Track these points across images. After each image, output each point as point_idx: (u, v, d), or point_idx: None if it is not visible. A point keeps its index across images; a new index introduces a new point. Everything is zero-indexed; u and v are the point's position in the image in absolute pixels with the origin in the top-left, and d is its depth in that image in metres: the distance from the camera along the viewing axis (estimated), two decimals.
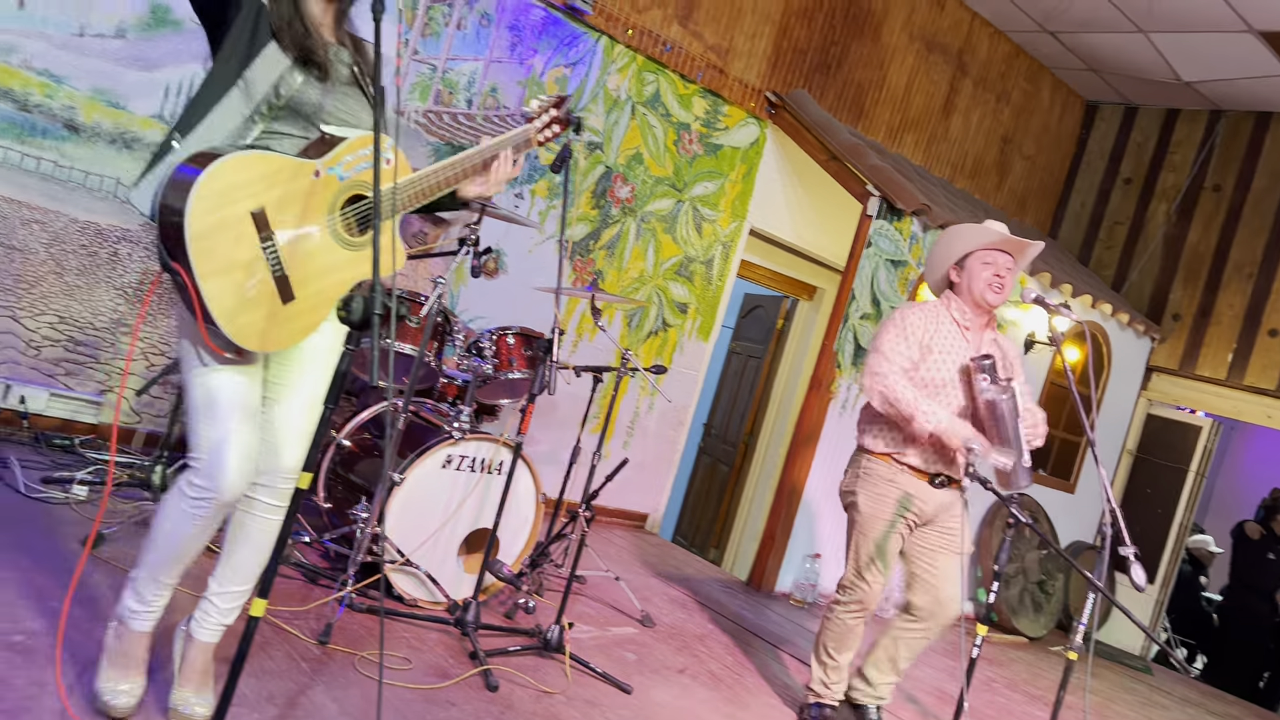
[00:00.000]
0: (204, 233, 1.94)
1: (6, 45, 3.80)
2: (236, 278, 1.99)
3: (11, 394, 4.00)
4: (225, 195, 1.97)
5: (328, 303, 2.14)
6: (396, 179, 2.18)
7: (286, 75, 2.10)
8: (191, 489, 2.13)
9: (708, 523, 7.64)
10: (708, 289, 6.17)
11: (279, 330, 2.08)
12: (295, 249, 2.07)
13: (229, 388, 2.12)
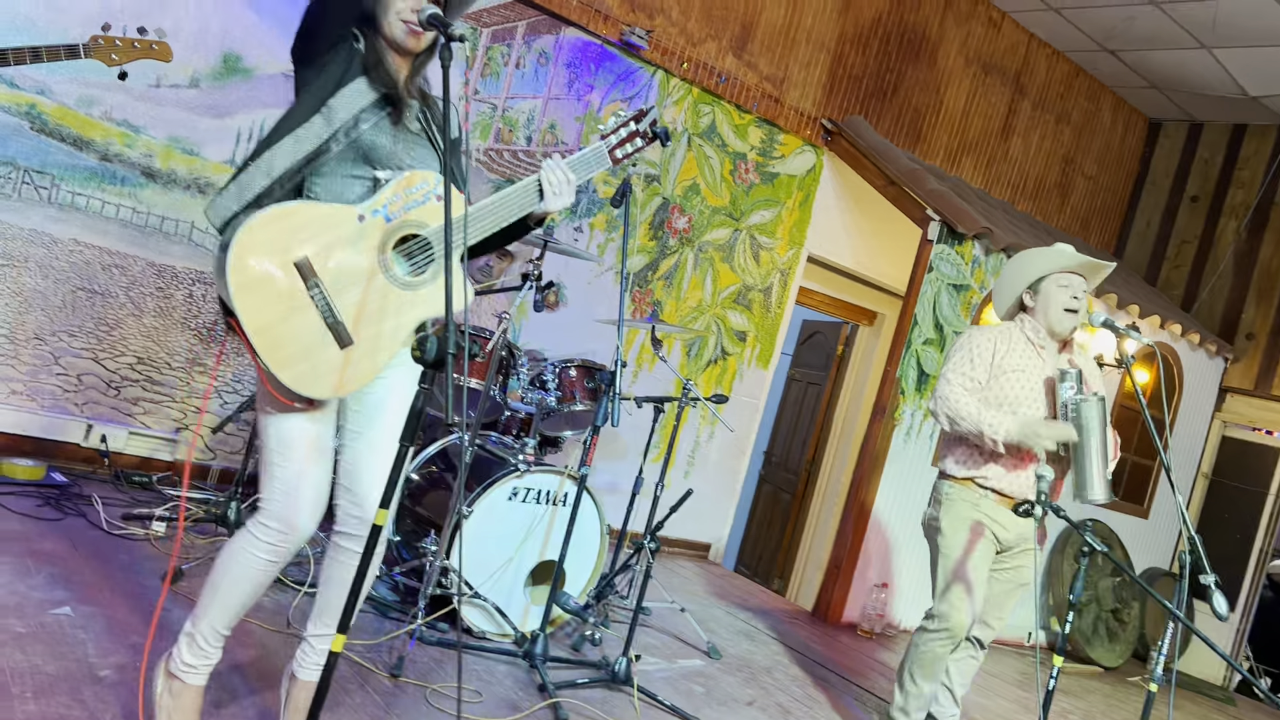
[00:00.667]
0: (247, 286, 1.99)
1: (88, 98, 3.96)
2: (287, 329, 2.02)
3: (93, 433, 4.13)
4: (265, 247, 2.01)
5: (390, 345, 2.14)
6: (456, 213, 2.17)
7: (367, 110, 2.15)
8: (263, 531, 2.15)
9: (770, 552, 7.59)
10: (766, 316, 6.16)
11: (341, 375, 2.08)
12: (346, 294, 2.08)
13: (301, 431, 2.14)
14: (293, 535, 2.14)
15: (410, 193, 2.13)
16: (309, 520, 2.14)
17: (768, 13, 5.77)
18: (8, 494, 3.54)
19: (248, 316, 1.99)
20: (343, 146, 2.14)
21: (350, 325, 2.08)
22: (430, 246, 2.16)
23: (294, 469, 2.14)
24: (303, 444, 2.14)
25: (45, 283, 3.98)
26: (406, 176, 2.14)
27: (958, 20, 6.71)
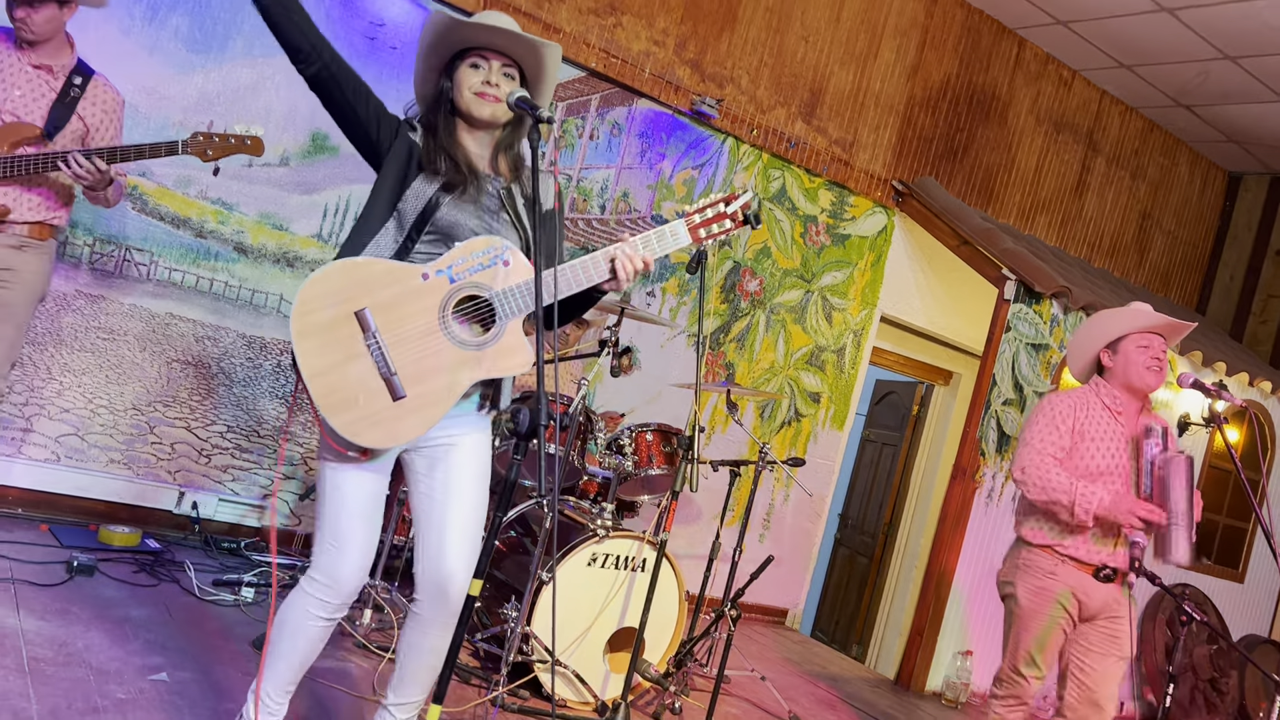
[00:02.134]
0: (307, 331, 2.07)
1: (185, 179, 4.16)
2: (342, 376, 2.08)
3: (185, 500, 4.25)
4: (328, 298, 2.09)
5: (443, 401, 2.15)
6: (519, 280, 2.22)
7: (434, 201, 2.21)
8: (311, 585, 2.19)
9: (848, 617, 7.44)
10: (840, 377, 6.13)
11: (388, 427, 2.11)
12: (403, 349, 2.12)
13: (355, 483, 2.19)
14: (338, 589, 2.17)
15: (476, 256, 2.18)
16: (354, 574, 2.18)
17: (836, 79, 5.84)
18: (105, 560, 3.66)
19: (305, 360, 2.07)
20: (419, 240, 2.21)
21: (404, 379, 2.12)
22: (491, 308, 2.19)
23: (343, 522, 2.18)
24: (355, 496, 2.19)
25: (143, 355, 4.15)
26: (474, 240, 2.19)
27: (1027, 80, 6.70)
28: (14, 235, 3.23)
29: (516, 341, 2.21)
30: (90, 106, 3.37)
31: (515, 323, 2.20)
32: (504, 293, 2.18)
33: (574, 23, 4.93)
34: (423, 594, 2.28)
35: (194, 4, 4.11)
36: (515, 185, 2.37)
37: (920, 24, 6.12)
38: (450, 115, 2.30)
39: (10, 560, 3.42)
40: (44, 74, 3.26)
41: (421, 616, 2.29)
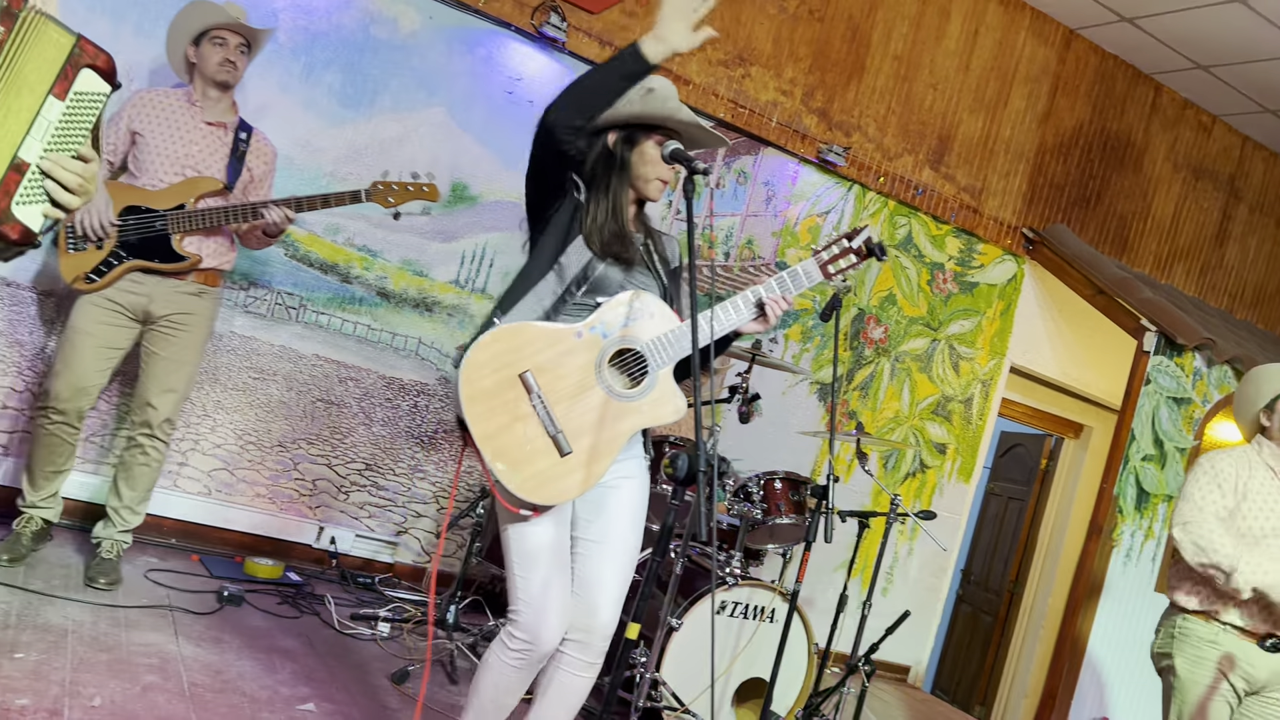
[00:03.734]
0: (476, 397, 2.16)
1: (333, 226, 4.36)
2: (511, 437, 2.17)
3: (324, 535, 4.40)
4: (491, 364, 2.18)
5: (608, 452, 2.24)
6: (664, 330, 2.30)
7: (592, 262, 2.32)
8: (512, 641, 2.24)
9: (971, 676, 7.20)
10: (967, 428, 5.99)
11: (561, 484, 2.20)
12: (565, 406, 2.21)
13: (541, 539, 2.24)
14: (538, 646, 2.22)
15: (623, 310, 2.28)
16: (554, 630, 2.22)
17: (965, 126, 5.78)
18: (252, 591, 3.81)
19: (476, 425, 2.16)
20: (576, 295, 2.30)
21: (569, 434, 2.21)
22: (644, 360, 2.28)
23: (537, 580, 2.22)
24: (543, 555, 2.24)
25: (289, 394, 4.33)
26: (620, 296, 2.28)
27: (1164, 125, 6.51)
28: (193, 283, 3.45)
29: (670, 389, 2.30)
30: (255, 158, 3.60)
31: (666, 371, 2.29)
32: (653, 343, 2.27)
33: (703, 74, 5.02)
34: (571, 634, 2.32)
35: (346, 62, 4.33)
36: (650, 242, 2.48)
37: (1052, 71, 6.02)
38: (621, 184, 2.37)
39: (167, 589, 3.60)
40: (217, 130, 3.49)
41: (567, 655, 2.33)
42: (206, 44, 3.44)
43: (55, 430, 3.45)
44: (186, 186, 3.38)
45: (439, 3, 4.46)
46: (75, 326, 3.39)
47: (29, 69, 1.64)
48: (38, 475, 3.51)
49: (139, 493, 3.59)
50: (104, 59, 1.77)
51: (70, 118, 1.73)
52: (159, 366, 3.48)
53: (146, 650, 3.00)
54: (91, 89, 1.76)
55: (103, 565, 3.46)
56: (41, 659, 2.73)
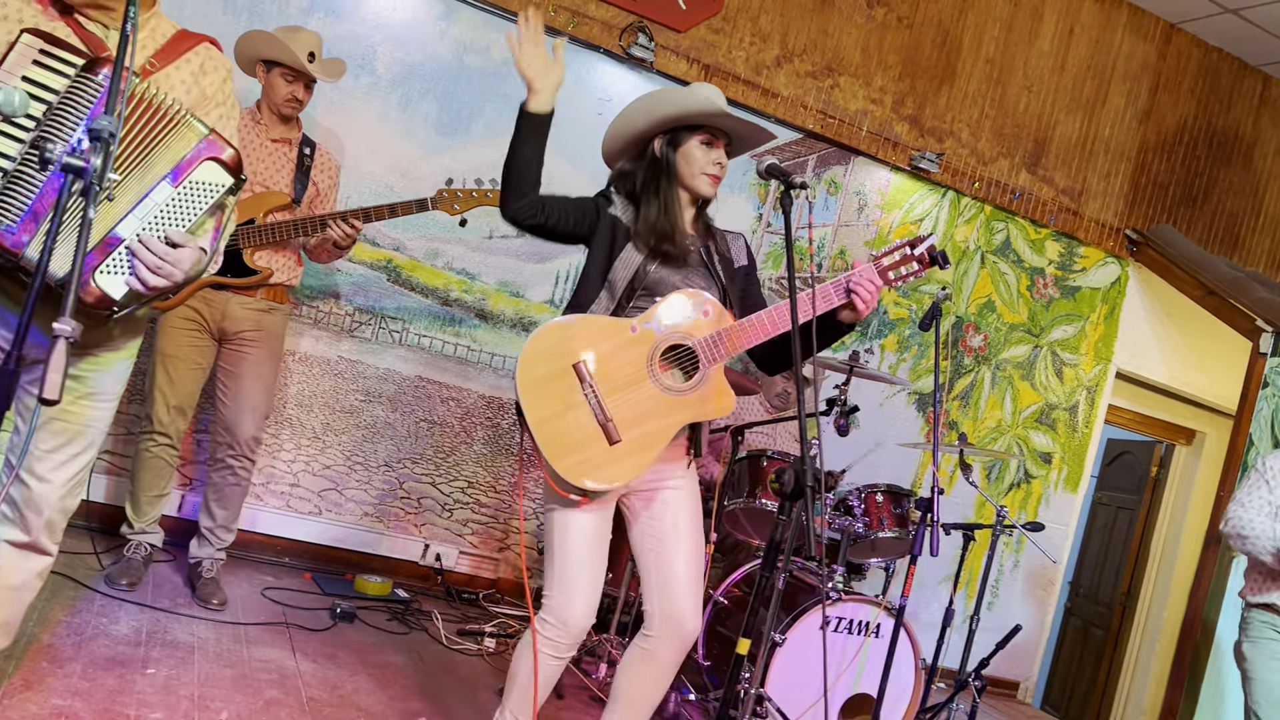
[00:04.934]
0: (531, 385, 2.27)
1: (433, 251, 4.48)
2: (563, 423, 2.27)
3: (429, 552, 4.51)
4: (548, 353, 2.28)
5: (654, 444, 2.32)
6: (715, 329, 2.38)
7: (643, 267, 2.39)
8: (544, 626, 2.34)
9: (1082, 692, 6.97)
10: (1073, 437, 5.83)
11: (607, 470, 2.28)
12: (616, 396, 2.30)
13: (581, 525, 2.33)
14: (568, 629, 2.32)
15: (679, 308, 2.36)
16: (583, 617, 2.32)
17: (1062, 127, 5.65)
18: (363, 608, 3.91)
19: (530, 411, 2.26)
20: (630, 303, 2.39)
21: (619, 424, 2.30)
22: (694, 356, 2.36)
23: (572, 567, 2.32)
24: (581, 539, 2.33)
25: (394, 415, 4.46)
26: (677, 294, 2.37)
27: (1275, 120, 6.26)
28: (262, 300, 3.57)
29: (720, 386, 2.37)
30: (319, 173, 3.70)
31: (717, 368, 2.37)
32: (705, 340, 2.35)
33: (791, 87, 5.01)
34: (657, 630, 2.41)
35: (442, 92, 4.45)
36: (710, 243, 2.54)
37: (1152, 67, 5.84)
38: (670, 184, 2.45)
39: (283, 606, 3.73)
40: (282, 146, 3.61)
41: (653, 651, 2.43)
42: (277, 75, 3.52)
43: (159, 453, 3.59)
44: (255, 202, 3.50)
45: None
46: (164, 351, 3.52)
47: (159, 155, 1.84)
48: (142, 501, 3.64)
49: (231, 512, 3.71)
50: (231, 154, 1.89)
51: (179, 202, 1.86)
52: (238, 386, 3.59)
53: (266, 666, 3.11)
54: (210, 180, 1.89)
55: (208, 585, 3.58)
56: (171, 674, 2.86)
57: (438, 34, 4.43)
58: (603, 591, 2.41)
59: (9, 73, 1.75)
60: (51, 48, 1.79)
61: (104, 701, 2.56)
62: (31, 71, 1.77)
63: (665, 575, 2.40)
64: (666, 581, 2.40)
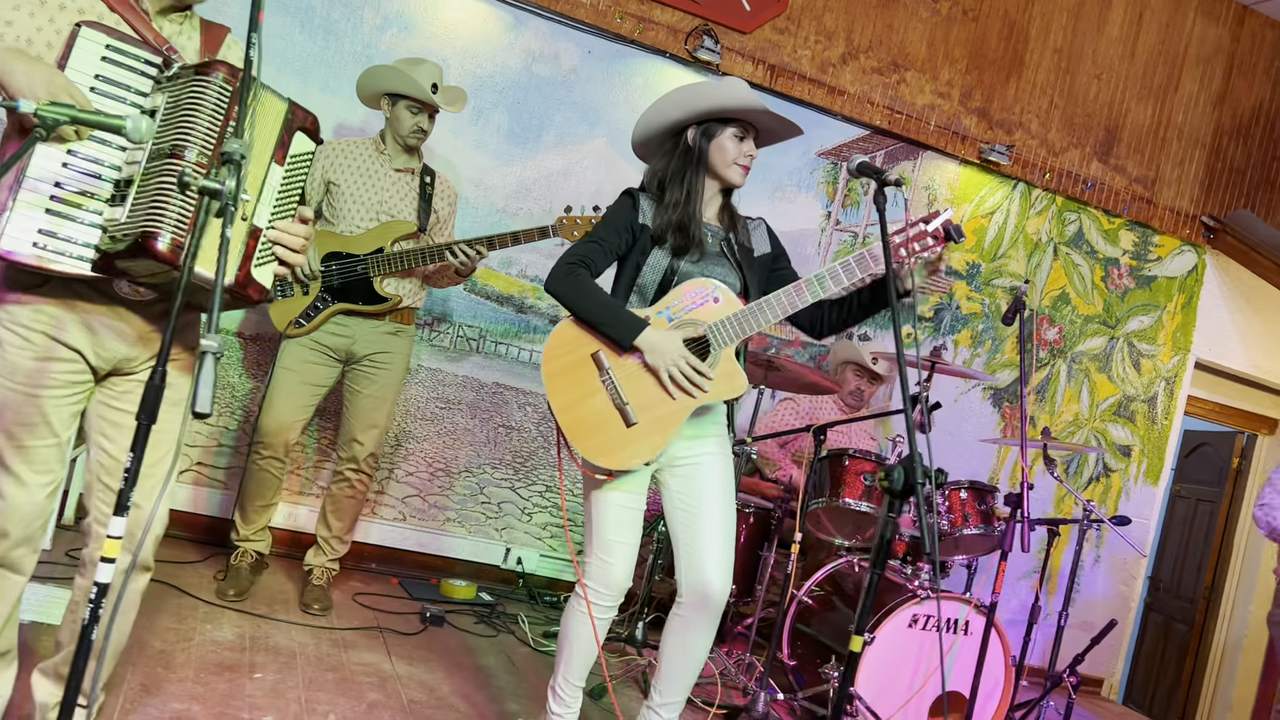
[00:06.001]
0: (554, 374, 2.45)
1: (507, 259, 4.54)
2: (584, 409, 2.43)
3: (510, 556, 4.57)
4: (568, 344, 2.46)
5: (669, 425, 2.44)
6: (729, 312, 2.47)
7: (669, 266, 2.50)
8: (586, 591, 2.49)
9: (1166, 689, 6.83)
10: (1152, 429, 5.73)
11: (625, 451, 2.42)
12: (631, 382, 2.43)
13: (613, 500, 2.47)
14: (609, 594, 2.48)
15: (691, 296, 2.46)
16: (622, 578, 2.48)
17: (1133, 115, 5.56)
18: (451, 612, 3.98)
19: (554, 397, 2.44)
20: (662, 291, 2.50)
21: (635, 408, 2.42)
22: (705, 341, 2.46)
23: (609, 537, 2.47)
24: (614, 513, 2.47)
25: (474, 422, 4.52)
26: (688, 282, 2.46)
27: None
28: (390, 323, 3.66)
29: (731, 368, 2.47)
30: (440, 200, 3.78)
31: (728, 351, 2.47)
32: (716, 325, 2.45)
33: (858, 84, 5.00)
34: (686, 598, 2.53)
35: (512, 102, 4.51)
36: (732, 234, 2.62)
37: (1225, 50, 5.73)
38: (699, 173, 2.54)
39: (375, 611, 3.80)
40: (405, 175, 3.69)
41: (685, 619, 2.54)
42: (402, 107, 3.59)
43: (265, 465, 3.70)
44: (383, 231, 3.58)
45: (596, 36, 4.60)
46: (283, 366, 3.62)
47: (258, 139, 1.80)
48: (249, 510, 3.75)
49: (346, 523, 3.81)
50: (311, 119, 1.92)
51: (289, 180, 1.88)
52: (363, 404, 3.69)
53: (366, 669, 3.18)
54: (303, 150, 1.91)
55: (315, 592, 3.68)
56: (278, 678, 2.94)
57: (507, 45, 4.50)
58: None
59: (79, 71, 1.72)
60: (121, 44, 1.76)
61: (218, 705, 2.65)
62: (105, 69, 1.74)
63: (694, 544, 2.52)
64: (695, 550, 2.51)
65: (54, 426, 1.86)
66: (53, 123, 1.58)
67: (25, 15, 1.78)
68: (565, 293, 2.44)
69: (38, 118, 1.56)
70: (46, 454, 1.86)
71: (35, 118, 1.56)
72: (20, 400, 1.81)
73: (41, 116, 1.56)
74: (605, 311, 2.41)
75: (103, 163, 1.74)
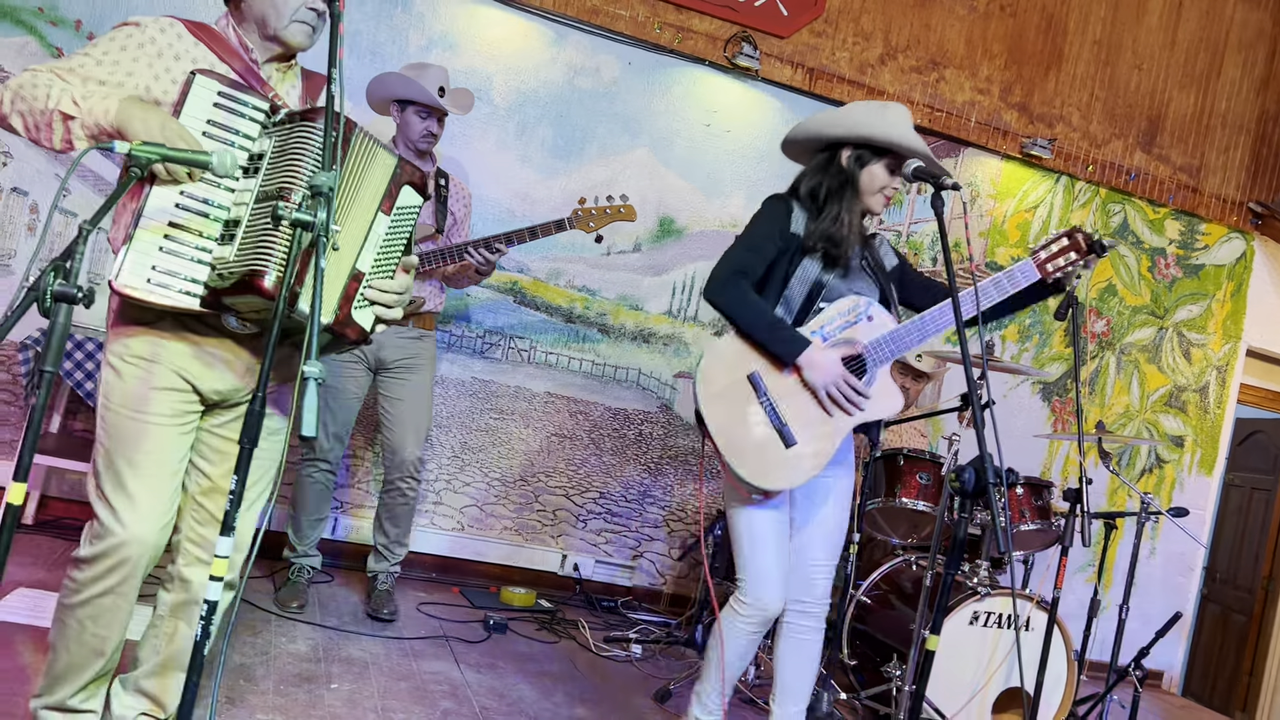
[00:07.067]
0: (711, 396, 2.46)
1: (555, 271, 4.60)
2: (742, 430, 2.44)
3: (567, 562, 4.63)
4: (725, 367, 2.48)
5: (828, 445, 2.46)
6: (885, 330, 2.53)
7: (819, 279, 2.52)
8: (742, 607, 2.53)
9: (1226, 680, 6.76)
10: (1204, 418, 5.68)
11: (785, 471, 2.44)
12: (789, 402, 2.46)
13: (764, 522, 2.51)
14: (766, 612, 2.52)
15: (844, 315, 2.49)
16: (778, 598, 2.51)
17: (1175, 104, 5.52)
18: (512, 619, 4.04)
19: (712, 420, 2.44)
20: (809, 315, 2.52)
21: (794, 429, 2.45)
22: (862, 360, 2.48)
23: (764, 558, 2.50)
24: (769, 535, 2.51)
25: (527, 431, 4.59)
26: (841, 301, 2.49)
27: None
28: (414, 328, 3.72)
29: (888, 386, 2.51)
30: (455, 202, 3.83)
31: (884, 369, 2.50)
32: (872, 344, 2.48)
33: (897, 83, 5.01)
34: (795, 605, 2.60)
35: (555, 115, 4.58)
36: (867, 251, 2.67)
37: (1268, 34, 5.67)
38: (855, 196, 2.55)
39: (439, 620, 3.88)
40: None
41: (795, 625, 2.62)
42: (411, 113, 3.63)
43: (319, 479, 3.78)
44: None
45: (636, 48, 4.66)
46: (325, 383, 3.69)
47: (365, 189, 1.88)
48: (304, 525, 3.82)
49: (402, 529, 3.87)
50: (419, 175, 2.00)
51: (394, 230, 1.96)
52: (400, 411, 3.75)
53: (436, 677, 3.25)
54: (410, 203, 1.99)
55: (381, 597, 3.76)
56: (354, 688, 3.01)
57: (549, 59, 4.56)
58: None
59: (193, 116, 1.80)
60: (232, 90, 1.85)
61: (300, 715, 2.72)
62: (216, 115, 1.83)
63: (804, 561, 2.59)
64: (805, 567, 2.59)
65: (171, 455, 1.94)
66: (145, 161, 1.65)
67: (144, 66, 1.89)
68: (730, 305, 2.44)
69: (130, 157, 1.64)
70: (163, 483, 1.94)
71: (128, 158, 1.63)
72: (140, 430, 1.90)
73: (134, 156, 1.64)
74: (772, 330, 2.43)
75: (212, 203, 1.82)
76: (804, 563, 2.59)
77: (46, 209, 4.01)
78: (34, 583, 3.29)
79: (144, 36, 1.89)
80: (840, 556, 2.73)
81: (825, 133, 2.59)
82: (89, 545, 1.93)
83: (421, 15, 4.39)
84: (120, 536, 1.89)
